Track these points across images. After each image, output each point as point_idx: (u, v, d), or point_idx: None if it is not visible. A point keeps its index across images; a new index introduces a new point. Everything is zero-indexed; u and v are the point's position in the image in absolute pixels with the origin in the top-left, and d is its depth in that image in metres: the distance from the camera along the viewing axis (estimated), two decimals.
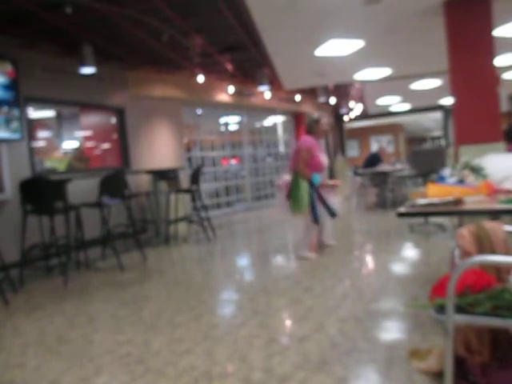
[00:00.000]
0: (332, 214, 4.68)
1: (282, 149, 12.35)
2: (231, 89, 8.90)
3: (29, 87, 5.30)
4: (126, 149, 7.00)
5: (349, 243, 5.74)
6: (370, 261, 4.69)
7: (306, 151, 4.59)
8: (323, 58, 6.50)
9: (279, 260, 5.13)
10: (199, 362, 2.37)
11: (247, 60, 7.17)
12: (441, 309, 1.59)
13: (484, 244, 1.84)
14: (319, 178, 4.69)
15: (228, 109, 9.83)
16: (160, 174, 6.65)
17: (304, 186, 4.54)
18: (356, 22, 5.13)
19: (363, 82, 9.60)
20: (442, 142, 19.15)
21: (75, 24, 4.89)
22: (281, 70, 7.19)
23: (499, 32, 5.26)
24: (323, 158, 4.73)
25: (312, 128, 4.80)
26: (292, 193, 4.59)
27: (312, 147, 4.62)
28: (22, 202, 4.55)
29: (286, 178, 4.83)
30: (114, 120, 7.01)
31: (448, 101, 12.86)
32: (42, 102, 6.02)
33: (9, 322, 3.37)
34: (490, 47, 4.37)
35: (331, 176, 15.94)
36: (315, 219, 4.64)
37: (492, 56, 4.37)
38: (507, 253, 1.81)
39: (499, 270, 1.78)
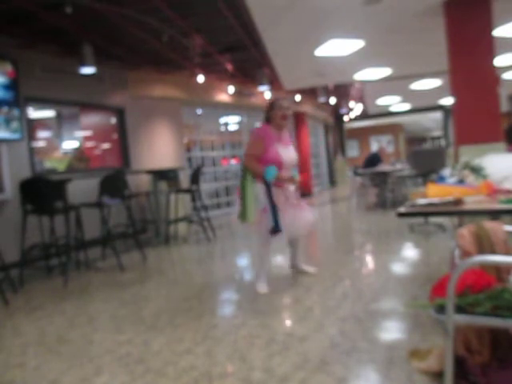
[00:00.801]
0: (274, 228, 3.41)
1: None
2: (231, 89, 8.91)
3: (29, 87, 5.30)
4: (126, 149, 7.00)
5: (349, 243, 5.74)
6: (369, 261, 4.69)
7: (256, 141, 3.57)
8: (323, 58, 6.50)
9: (279, 260, 5.13)
10: (199, 362, 2.37)
11: (247, 60, 7.17)
12: (441, 309, 1.59)
13: (484, 244, 1.84)
14: (274, 172, 3.46)
15: (228, 109, 9.83)
16: (160, 174, 6.65)
17: (251, 187, 3.48)
18: (356, 22, 5.13)
19: (363, 82, 9.60)
20: (442, 142, 19.17)
21: (75, 24, 4.89)
22: (281, 70, 7.20)
23: (499, 32, 5.26)
24: (285, 152, 3.61)
25: (267, 114, 3.71)
26: (241, 196, 3.54)
27: (265, 137, 3.55)
28: (22, 202, 4.55)
29: None
30: (114, 120, 7.01)
31: (448, 101, 12.87)
32: (42, 102, 6.02)
33: (9, 322, 3.37)
34: (489, 47, 4.37)
35: (331, 176, 15.97)
36: (273, 228, 3.42)
37: (492, 56, 4.37)
38: (507, 253, 1.81)
39: (499, 270, 1.78)
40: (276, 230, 3.41)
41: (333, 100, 12.10)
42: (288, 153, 3.66)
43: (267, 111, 3.72)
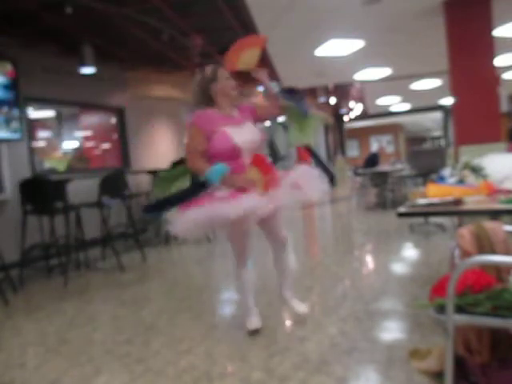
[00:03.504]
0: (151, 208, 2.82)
1: (282, 149, 12.36)
2: None
3: (29, 87, 5.30)
4: (125, 149, 7.00)
5: (349, 243, 5.74)
6: (369, 261, 4.69)
7: (193, 133, 2.59)
8: (323, 58, 6.50)
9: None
10: (199, 362, 2.37)
11: None
12: (441, 309, 1.59)
13: (484, 244, 1.84)
14: (222, 170, 2.43)
15: None
16: None
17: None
18: (356, 22, 5.13)
19: (363, 82, 9.60)
20: (442, 142, 19.16)
21: (75, 24, 4.89)
22: (281, 70, 7.20)
23: (499, 32, 5.26)
24: (239, 133, 2.55)
25: (205, 93, 2.72)
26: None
27: (204, 124, 2.56)
28: (21, 202, 4.55)
29: None
30: (114, 120, 7.00)
31: (448, 101, 12.86)
32: (42, 102, 6.03)
33: (9, 322, 3.36)
34: (489, 47, 4.38)
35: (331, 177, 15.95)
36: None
37: (492, 56, 4.38)
38: (507, 253, 1.81)
39: (499, 270, 1.78)
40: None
41: (333, 100, 12.10)
42: (243, 133, 2.57)
43: (203, 90, 2.72)
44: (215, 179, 2.43)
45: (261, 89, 8.15)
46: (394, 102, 13.83)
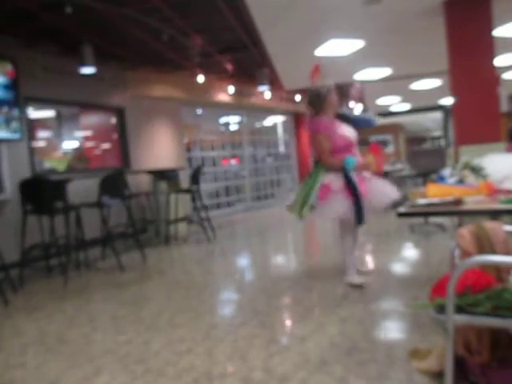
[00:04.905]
0: (360, 219, 3.35)
1: (281, 149, 12.36)
2: (231, 89, 8.91)
3: (29, 87, 5.30)
4: (126, 149, 7.00)
5: None
6: (369, 261, 4.69)
7: (325, 137, 3.46)
8: (323, 58, 6.50)
9: (279, 260, 5.13)
10: (199, 362, 2.37)
11: (247, 60, 7.18)
12: (441, 309, 1.59)
13: (484, 244, 1.84)
14: (353, 160, 3.41)
15: (228, 109, 9.83)
16: (160, 174, 6.65)
17: (321, 177, 3.46)
18: (356, 22, 5.13)
19: (363, 82, 9.60)
20: (442, 142, 19.15)
21: (75, 24, 4.89)
22: (281, 70, 7.20)
23: (499, 32, 5.26)
24: (347, 131, 3.56)
25: (319, 105, 3.59)
26: (305, 188, 3.51)
27: (327, 130, 3.49)
28: (21, 201, 4.55)
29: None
30: (114, 120, 7.01)
31: (448, 101, 12.85)
32: (42, 102, 6.03)
33: (9, 322, 3.37)
34: (489, 47, 4.38)
35: None
36: (358, 220, 3.38)
37: (492, 56, 4.37)
38: (507, 253, 1.81)
39: (499, 270, 1.78)
40: (359, 222, 3.36)
41: None
42: (349, 130, 3.58)
43: (319, 102, 3.53)
44: (351, 166, 3.36)
45: (261, 89, 8.16)
46: (393, 102, 13.81)
